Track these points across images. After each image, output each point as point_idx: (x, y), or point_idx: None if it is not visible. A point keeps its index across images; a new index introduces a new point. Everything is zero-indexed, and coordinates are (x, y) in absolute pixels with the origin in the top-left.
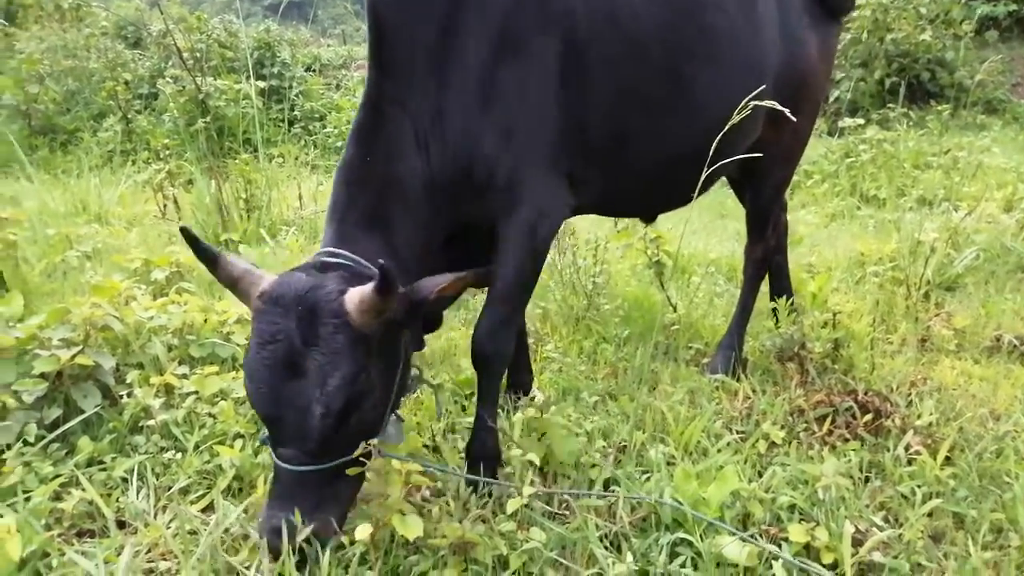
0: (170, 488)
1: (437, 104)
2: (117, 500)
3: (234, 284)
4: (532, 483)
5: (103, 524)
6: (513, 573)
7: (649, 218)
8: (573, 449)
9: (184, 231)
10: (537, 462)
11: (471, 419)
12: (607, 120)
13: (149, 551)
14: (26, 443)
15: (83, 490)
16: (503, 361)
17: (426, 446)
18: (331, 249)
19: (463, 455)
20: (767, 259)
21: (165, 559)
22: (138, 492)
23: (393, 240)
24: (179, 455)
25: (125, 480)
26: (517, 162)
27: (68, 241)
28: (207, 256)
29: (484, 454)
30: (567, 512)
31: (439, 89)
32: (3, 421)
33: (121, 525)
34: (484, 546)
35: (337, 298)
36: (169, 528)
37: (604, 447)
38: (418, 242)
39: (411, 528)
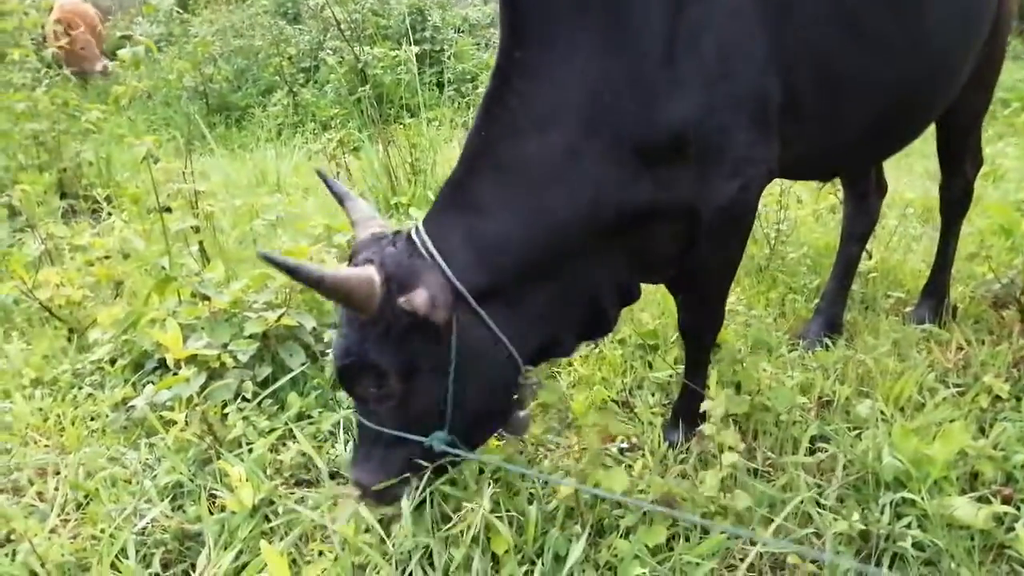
0: None
1: (594, 68)
2: (327, 452)
3: (354, 226)
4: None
5: (317, 474)
6: (720, 533)
7: (830, 177)
8: (786, 399)
9: (318, 172)
10: (740, 414)
11: (658, 374)
12: (819, 61)
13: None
14: (243, 399)
15: (297, 443)
16: (716, 331)
17: (615, 401)
18: (420, 225)
19: (660, 412)
20: (968, 196)
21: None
22: (345, 444)
23: (476, 230)
24: None
25: (332, 434)
26: (720, 122)
27: (254, 211)
28: (338, 196)
29: (687, 416)
30: (771, 469)
31: (596, 50)
32: (222, 379)
33: (333, 476)
34: (692, 503)
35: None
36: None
37: (805, 402)
38: (532, 239)
39: (617, 480)
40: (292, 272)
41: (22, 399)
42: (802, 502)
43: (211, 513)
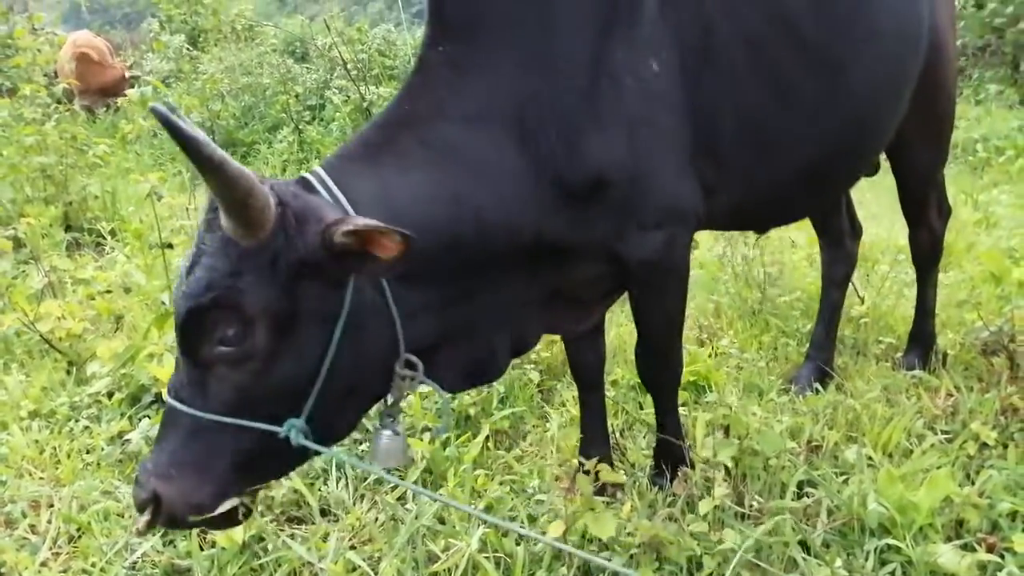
0: (366, 479)
1: (522, 84)
2: (319, 489)
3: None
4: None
5: (308, 511)
6: (708, 574)
7: (764, 230)
8: (775, 444)
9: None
10: (728, 463)
11: (649, 415)
12: (739, 113)
13: (351, 537)
14: None
15: (289, 479)
16: (674, 380)
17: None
18: (315, 168)
19: (650, 455)
20: (936, 246)
21: (365, 545)
22: (337, 483)
23: (390, 187)
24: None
25: (325, 471)
26: (641, 167)
27: None
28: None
29: (669, 460)
30: (759, 514)
31: (523, 66)
32: None
33: (324, 513)
34: (678, 546)
35: None
36: (368, 515)
37: (794, 447)
38: (449, 224)
39: (604, 527)
40: (185, 142)
41: (19, 431)
42: (787, 546)
43: (201, 549)
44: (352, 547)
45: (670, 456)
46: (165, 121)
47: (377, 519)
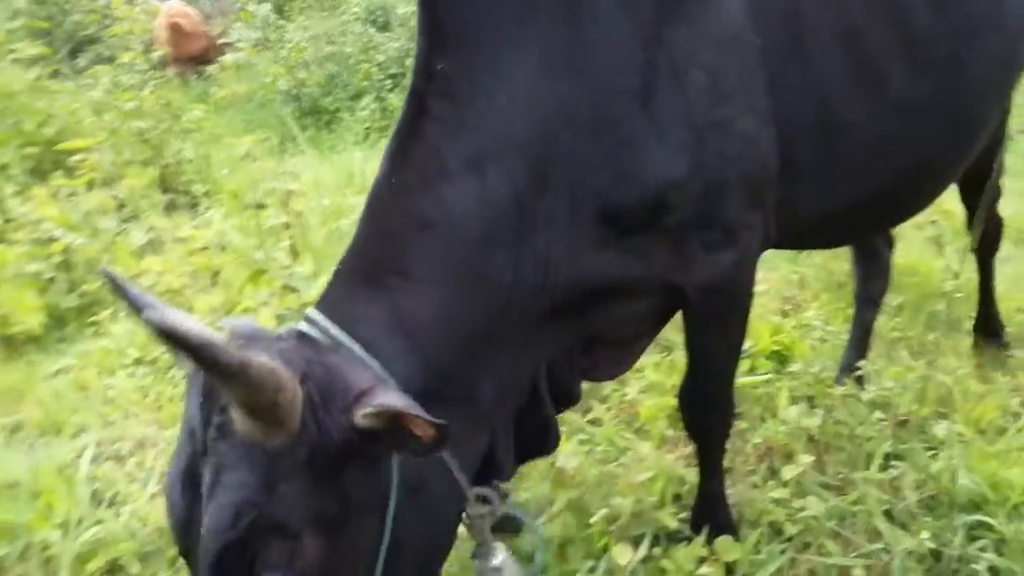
0: None
1: (547, 95)
2: None
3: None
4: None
5: None
6: (787, 540)
7: (833, 246)
8: (860, 415)
9: (110, 277)
10: (814, 431)
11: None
12: (823, 109)
13: None
14: None
15: None
16: (725, 427)
17: None
18: (312, 314)
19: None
20: (999, 226)
21: None
22: None
23: (403, 310)
24: None
25: None
26: (710, 182)
27: (341, 210)
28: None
29: (712, 521)
30: (842, 484)
31: (550, 70)
32: None
33: None
34: (758, 509)
35: None
36: None
37: (881, 418)
38: (471, 317)
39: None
40: (198, 350)
41: (125, 376)
42: (871, 516)
43: None
44: None
45: (710, 517)
46: (166, 329)
47: None
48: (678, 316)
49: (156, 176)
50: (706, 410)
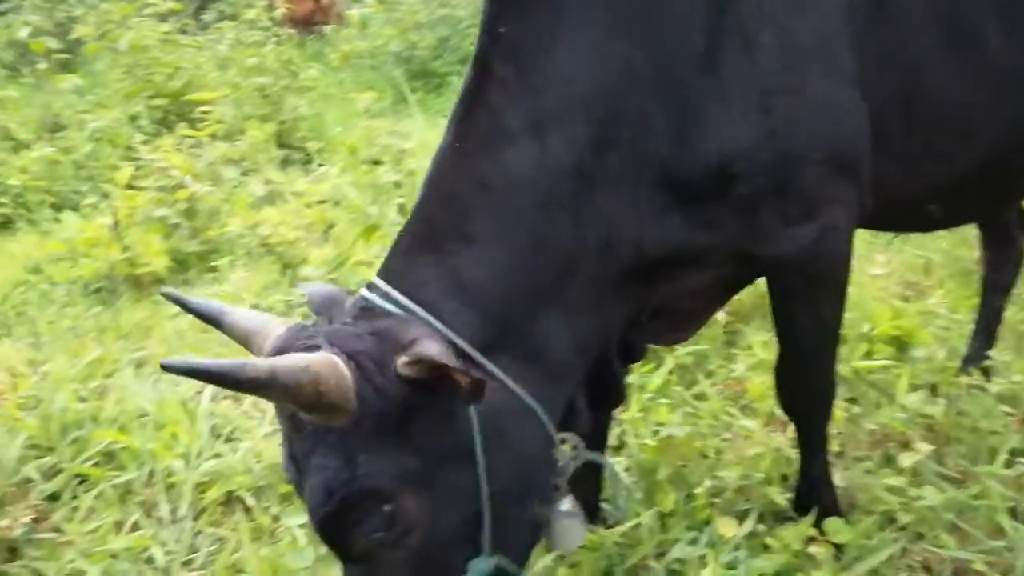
0: None
1: (612, 57)
2: None
3: (247, 345)
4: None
5: None
6: (901, 529)
7: (933, 228)
8: (985, 406)
9: (167, 296)
10: (935, 420)
11: (845, 365)
12: (913, 76)
13: None
14: None
15: None
16: (824, 410)
17: None
18: (376, 282)
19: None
20: None
21: None
22: None
23: (463, 272)
24: None
25: None
26: (782, 151)
27: None
28: (207, 317)
29: (820, 506)
30: (962, 476)
31: (614, 31)
32: None
33: None
34: (872, 497)
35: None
36: None
37: (1009, 412)
38: (521, 282)
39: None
40: (222, 377)
41: None
42: (994, 512)
43: None
44: None
45: (815, 500)
46: (186, 371)
47: None
48: None
49: (273, 131)
50: (801, 391)
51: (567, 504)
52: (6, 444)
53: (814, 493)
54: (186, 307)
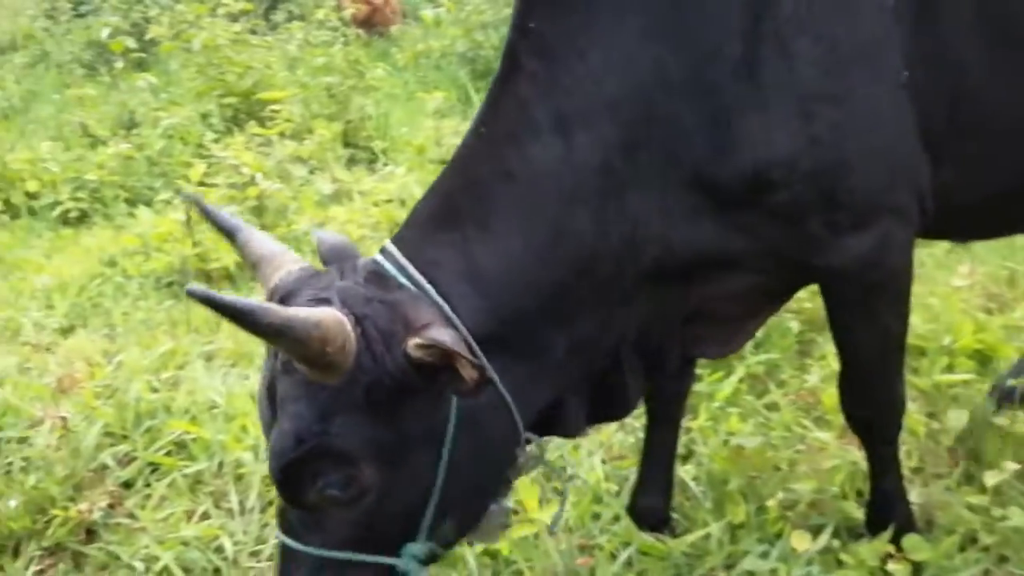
0: None
1: (644, 57)
2: None
3: (255, 268)
4: None
5: None
6: (983, 550)
7: (991, 236)
8: None
9: (190, 199)
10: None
11: (922, 381)
12: (969, 82)
13: (603, 451)
14: None
15: None
16: (892, 424)
17: None
18: (389, 247)
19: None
20: None
21: (615, 460)
22: None
23: (478, 258)
24: None
25: None
26: (825, 160)
27: None
28: (226, 230)
29: (894, 523)
30: None
31: (647, 31)
32: None
33: None
34: (952, 515)
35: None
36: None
37: None
38: (547, 275)
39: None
40: (240, 316)
41: None
42: None
43: None
44: (603, 461)
45: (889, 517)
46: (207, 299)
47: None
48: None
49: (340, 131)
50: (865, 404)
51: (506, 500)
52: (84, 430)
53: (887, 509)
54: (205, 212)
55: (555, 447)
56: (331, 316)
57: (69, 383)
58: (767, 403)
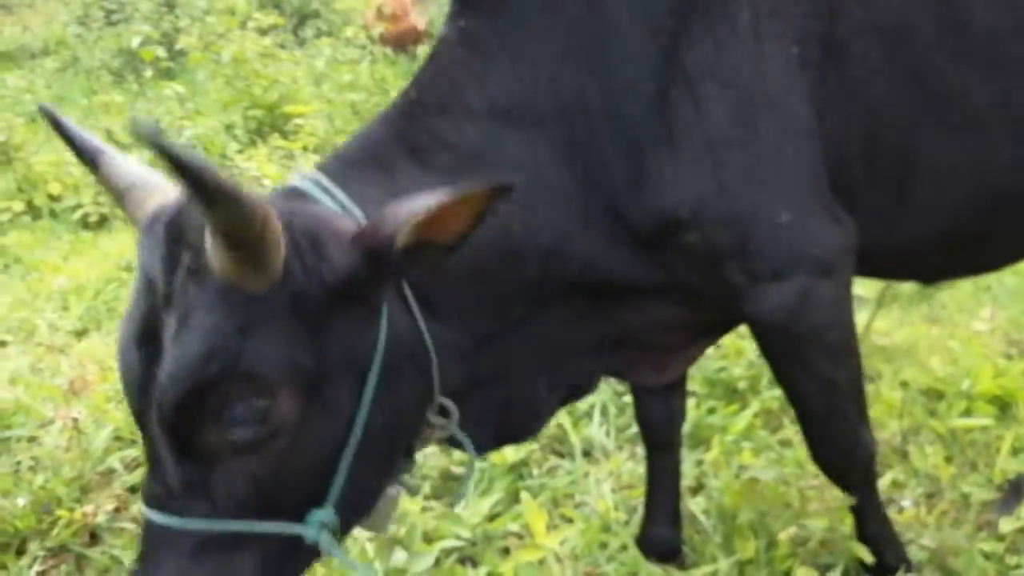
0: (625, 429)
1: (569, 80)
2: (582, 430)
3: (122, 196)
4: None
5: (569, 449)
6: None
7: (929, 281)
8: None
9: (43, 110)
10: None
11: (940, 424)
12: (880, 126)
13: (612, 480)
14: None
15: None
16: (860, 471)
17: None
18: (311, 173)
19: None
20: None
21: (624, 489)
22: (600, 426)
23: (406, 189)
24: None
25: (588, 415)
26: (734, 208)
27: None
28: (83, 150)
29: (888, 562)
30: None
31: (570, 58)
32: None
33: (585, 453)
34: (968, 560)
35: (201, 225)
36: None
37: None
38: (476, 248)
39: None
40: (186, 169)
41: None
42: None
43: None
44: (612, 490)
45: (880, 559)
46: (154, 142)
47: (636, 469)
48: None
49: None
50: (826, 453)
51: (401, 484)
52: (93, 433)
53: (877, 554)
54: (61, 130)
55: (565, 472)
56: (268, 208)
57: (81, 385)
58: (781, 439)
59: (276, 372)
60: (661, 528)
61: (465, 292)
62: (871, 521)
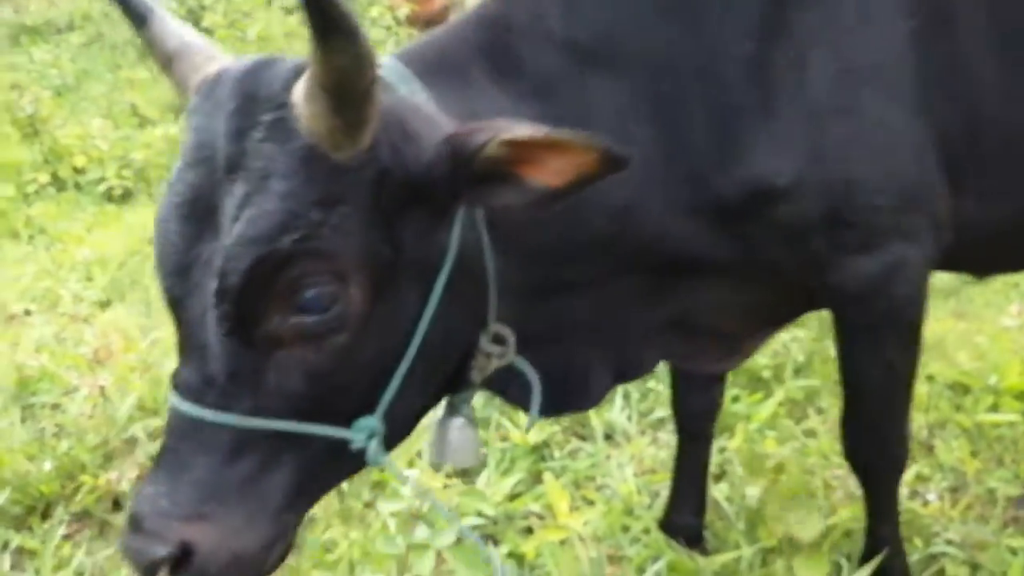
0: (648, 414)
1: (651, 25)
2: (603, 414)
3: (171, 62)
4: None
5: (591, 432)
6: None
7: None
8: None
9: None
10: None
11: (966, 418)
12: (985, 102)
13: (633, 464)
14: None
15: None
16: (894, 468)
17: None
18: (391, 64)
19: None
20: None
21: (646, 474)
22: (620, 409)
23: (485, 106)
24: (661, 387)
25: (610, 399)
26: (832, 177)
27: None
28: (132, 8)
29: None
30: None
31: (660, 6)
32: None
33: (607, 437)
34: (995, 553)
35: (285, 81)
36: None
37: None
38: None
39: None
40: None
41: None
42: None
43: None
44: (635, 474)
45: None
46: None
47: (658, 455)
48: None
49: None
50: (867, 444)
51: (470, 415)
52: (118, 402)
53: (880, 552)
54: None
55: (587, 455)
56: None
57: (105, 355)
58: (805, 429)
59: (354, 255)
60: (685, 515)
61: (529, 235)
62: (887, 527)
